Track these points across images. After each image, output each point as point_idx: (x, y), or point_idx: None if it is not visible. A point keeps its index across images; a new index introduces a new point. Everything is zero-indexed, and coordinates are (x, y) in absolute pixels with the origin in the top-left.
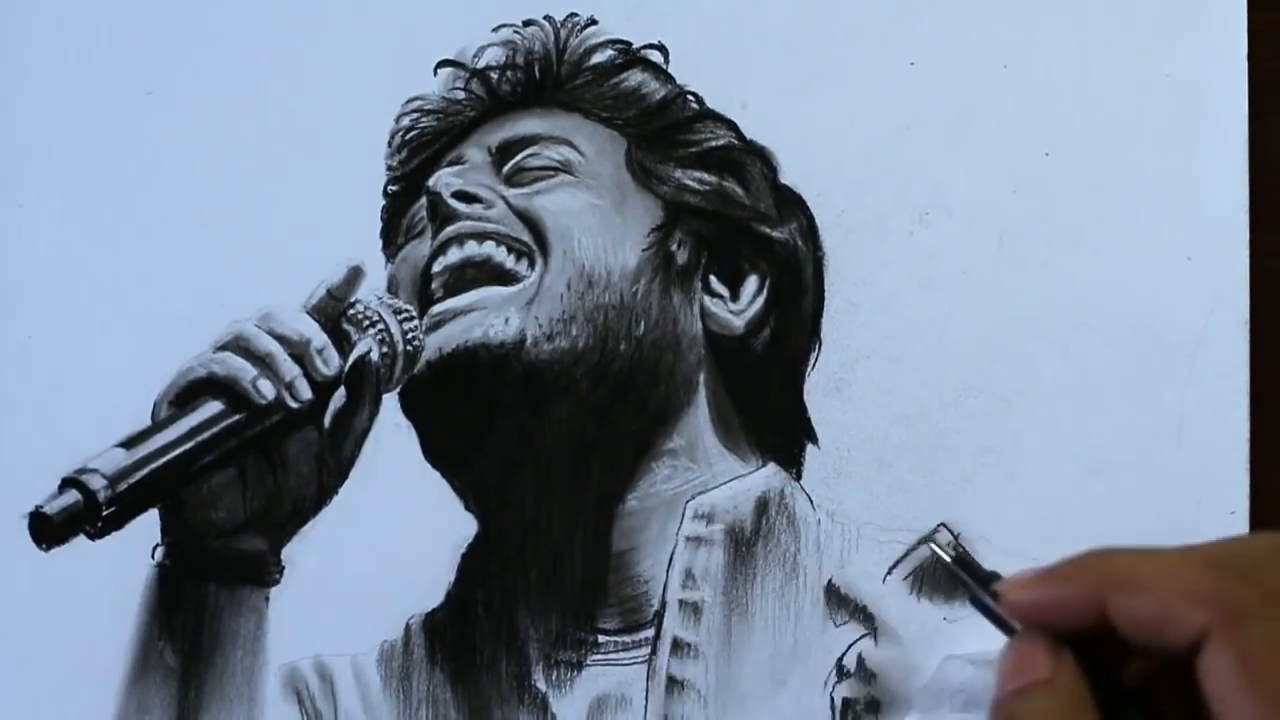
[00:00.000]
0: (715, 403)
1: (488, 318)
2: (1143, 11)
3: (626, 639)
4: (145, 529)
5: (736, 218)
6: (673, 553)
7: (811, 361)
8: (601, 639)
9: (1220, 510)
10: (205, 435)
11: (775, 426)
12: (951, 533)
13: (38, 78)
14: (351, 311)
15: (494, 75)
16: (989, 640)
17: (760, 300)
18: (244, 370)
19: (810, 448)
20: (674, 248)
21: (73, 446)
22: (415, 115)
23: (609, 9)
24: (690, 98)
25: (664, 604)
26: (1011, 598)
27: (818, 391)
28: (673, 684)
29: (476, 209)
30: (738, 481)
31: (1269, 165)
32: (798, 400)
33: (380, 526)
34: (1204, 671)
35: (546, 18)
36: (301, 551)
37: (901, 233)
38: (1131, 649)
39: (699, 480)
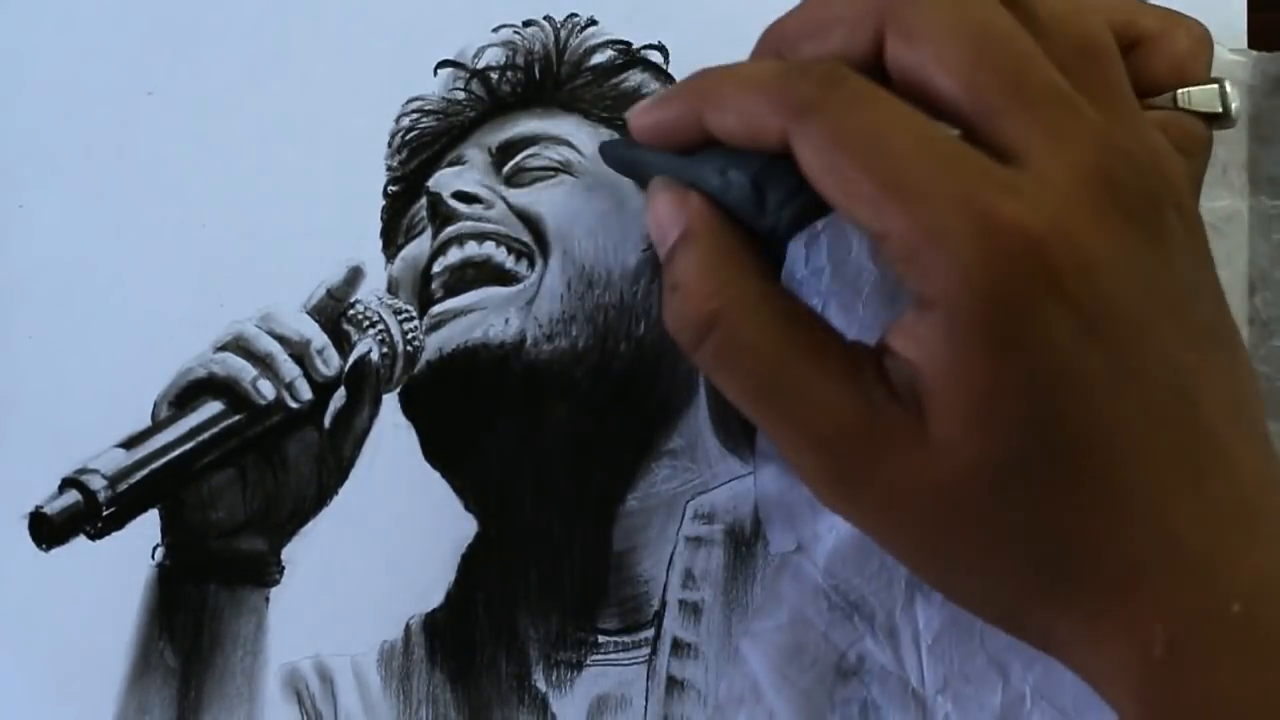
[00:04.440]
0: (715, 403)
1: (488, 318)
2: None
3: (626, 639)
4: (145, 529)
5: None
6: (673, 553)
7: None
8: (601, 639)
9: None
10: (205, 435)
11: None
12: None
13: (38, 78)
14: (351, 312)
15: (494, 76)
16: None
17: None
18: (244, 370)
19: None
20: None
21: (73, 446)
22: (415, 116)
23: (609, 9)
24: None
25: (664, 604)
26: (635, 123)
27: None
28: (673, 684)
29: (476, 209)
30: (738, 482)
31: None
32: None
33: (380, 526)
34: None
35: (546, 18)
36: (301, 551)
37: None
38: None
39: (699, 480)
